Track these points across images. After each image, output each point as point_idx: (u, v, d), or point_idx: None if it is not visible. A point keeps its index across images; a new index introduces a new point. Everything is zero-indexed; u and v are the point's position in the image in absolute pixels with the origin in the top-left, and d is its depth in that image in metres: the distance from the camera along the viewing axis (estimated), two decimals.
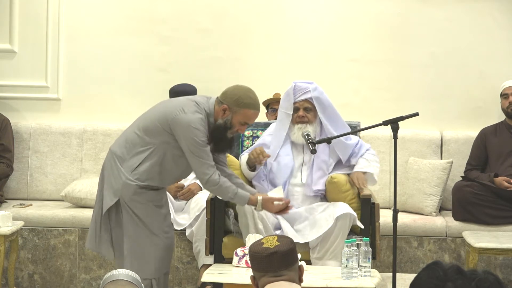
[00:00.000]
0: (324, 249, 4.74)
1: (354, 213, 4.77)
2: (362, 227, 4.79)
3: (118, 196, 4.42)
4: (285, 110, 5.04)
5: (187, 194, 5.76)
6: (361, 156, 5.06)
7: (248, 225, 4.73)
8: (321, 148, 5.00)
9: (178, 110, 4.35)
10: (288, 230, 4.80)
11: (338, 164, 5.08)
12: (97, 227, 4.50)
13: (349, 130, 5.05)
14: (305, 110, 5.00)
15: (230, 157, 5.05)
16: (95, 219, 4.53)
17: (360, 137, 5.29)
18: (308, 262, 4.70)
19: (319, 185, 4.96)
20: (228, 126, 4.42)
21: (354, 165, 5.06)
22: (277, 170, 5.01)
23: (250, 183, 5.01)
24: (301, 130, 4.98)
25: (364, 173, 4.99)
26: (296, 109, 5.01)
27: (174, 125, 4.35)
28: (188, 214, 5.69)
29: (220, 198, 4.67)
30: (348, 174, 5.03)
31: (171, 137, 4.38)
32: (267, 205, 4.58)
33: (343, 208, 4.77)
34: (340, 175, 4.97)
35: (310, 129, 4.97)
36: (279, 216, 4.83)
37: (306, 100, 5.00)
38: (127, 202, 4.41)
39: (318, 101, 4.98)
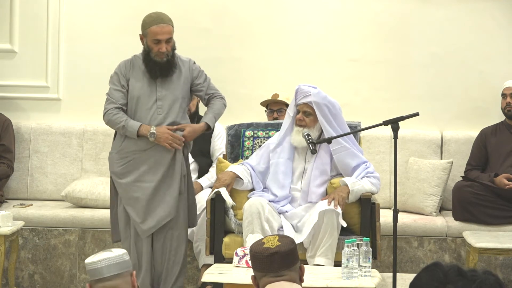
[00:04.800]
0: (315, 247, 4.75)
1: (339, 210, 4.75)
2: (345, 225, 4.77)
3: None
4: (289, 111, 5.08)
5: None
6: (362, 177, 4.95)
7: (253, 224, 4.73)
8: (322, 158, 4.99)
9: None
10: (288, 230, 4.81)
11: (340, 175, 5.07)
12: None
13: (355, 143, 5.04)
14: (304, 114, 4.99)
15: (225, 163, 5.15)
16: None
17: (360, 137, 5.29)
18: (305, 262, 4.69)
19: (317, 196, 4.92)
20: (147, 50, 4.95)
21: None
22: (273, 177, 5.03)
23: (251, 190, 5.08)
24: (299, 133, 4.98)
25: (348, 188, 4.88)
26: (297, 112, 5.02)
27: None
28: None
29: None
30: None
31: None
32: (163, 130, 4.86)
33: (327, 204, 4.77)
34: (339, 180, 4.96)
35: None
36: (281, 216, 4.85)
37: (306, 104, 4.99)
38: None
39: (318, 107, 4.94)
